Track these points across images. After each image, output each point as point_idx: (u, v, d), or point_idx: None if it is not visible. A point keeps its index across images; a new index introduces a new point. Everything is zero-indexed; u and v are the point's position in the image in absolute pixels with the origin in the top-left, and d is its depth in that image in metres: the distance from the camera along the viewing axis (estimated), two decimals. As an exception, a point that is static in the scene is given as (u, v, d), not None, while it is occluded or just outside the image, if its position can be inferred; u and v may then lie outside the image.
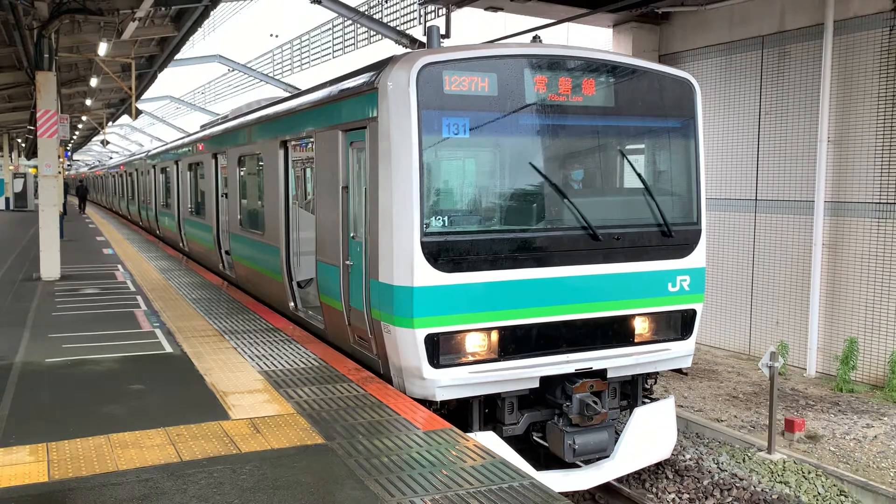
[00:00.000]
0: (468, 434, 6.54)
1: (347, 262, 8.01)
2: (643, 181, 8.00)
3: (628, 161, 8.03)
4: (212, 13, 17.33)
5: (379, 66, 7.39)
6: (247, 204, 12.73)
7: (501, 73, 7.14)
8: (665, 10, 14.34)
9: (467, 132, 7.02)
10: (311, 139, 9.18)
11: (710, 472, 8.89)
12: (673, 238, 7.90)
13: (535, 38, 8.98)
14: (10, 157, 48.47)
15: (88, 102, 28.13)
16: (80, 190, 42.88)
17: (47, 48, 13.24)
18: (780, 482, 8.47)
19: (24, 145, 50.28)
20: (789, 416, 9.89)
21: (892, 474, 8.62)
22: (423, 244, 6.80)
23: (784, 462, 8.77)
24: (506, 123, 7.21)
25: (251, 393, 6.75)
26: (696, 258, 8.06)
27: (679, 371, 8.38)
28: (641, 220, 7.88)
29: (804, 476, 8.53)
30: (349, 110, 7.90)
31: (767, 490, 8.36)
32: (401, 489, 4.71)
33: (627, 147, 8.10)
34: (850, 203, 11.95)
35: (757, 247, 13.59)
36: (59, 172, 17.91)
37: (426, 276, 6.83)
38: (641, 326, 7.84)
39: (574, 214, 7.44)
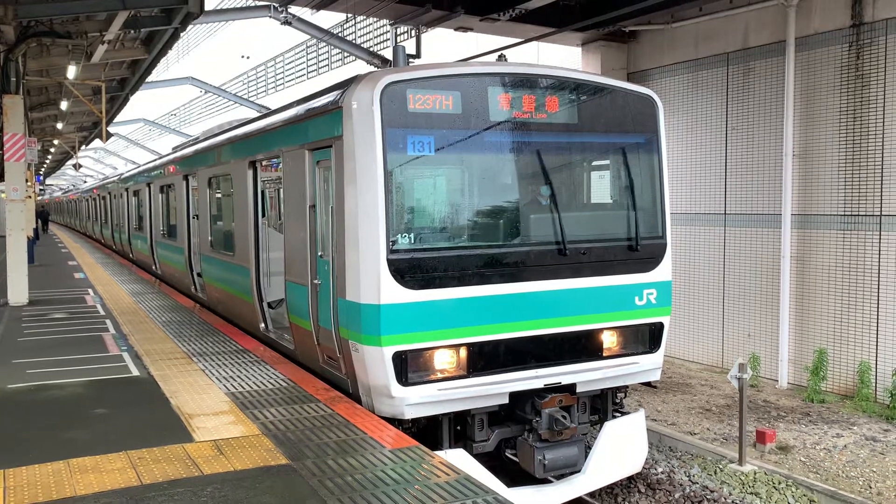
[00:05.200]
0: (438, 452, 6.53)
1: (316, 282, 7.98)
2: (609, 196, 8.08)
3: (592, 176, 8.11)
4: (185, 36, 17.34)
5: (343, 86, 7.42)
6: (217, 225, 12.66)
7: (465, 90, 7.20)
8: (632, 28, 14.57)
9: (432, 150, 7.05)
10: (279, 159, 9.18)
11: (681, 484, 8.91)
12: (639, 252, 7.96)
13: (501, 57, 9.07)
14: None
15: (60, 126, 27.87)
16: (41, 214, 44.68)
17: (14, 72, 13.14)
18: (751, 493, 8.51)
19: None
20: (760, 428, 9.96)
21: (861, 483, 8.69)
22: (389, 262, 6.80)
23: (755, 473, 8.82)
24: (470, 141, 7.25)
25: (217, 415, 6.67)
26: (663, 272, 8.13)
27: (648, 384, 8.41)
28: (607, 235, 7.94)
29: (775, 487, 8.57)
30: (315, 130, 7.92)
31: (738, 501, 8.39)
32: (364, 508, 4.67)
33: (592, 163, 8.18)
34: (816, 215, 12.14)
35: (727, 260, 13.74)
36: (29, 196, 17.72)
37: (393, 293, 6.82)
38: (609, 340, 7.88)
39: (540, 230, 7.48)
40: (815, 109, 12.09)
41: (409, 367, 6.93)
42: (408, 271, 6.85)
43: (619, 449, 8.05)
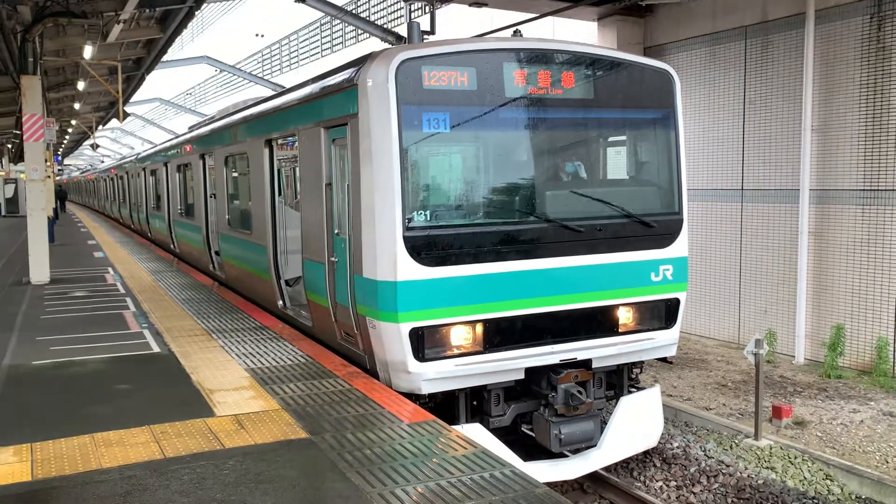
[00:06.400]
0: (455, 426, 6.61)
1: (332, 259, 8.04)
2: (625, 172, 8.06)
3: (609, 152, 8.08)
4: (200, 15, 17.36)
5: (359, 63, 7.42)
6: (234, 204, 12.76)
7: (480, 67, 7.17)
8: (648, 2, 14.39)
9: (447, 127, 7.05)
10: (295, 137, 9.21)
11: (697, 459, 8.95)
12: (655, 228, 7.94)
13: (516, 33, 9.02)
14: (1, 162, 48.33)
15: (77, 106, 28.06)
16: (59, 194, 44.94)
17: (31, 52, 13.22)
18: (767, 468, 8.54)
19: (13, 150, 50.10)
20: (776, 403, 9.97)
21: (877, 458, 8.70)
22: (405, 239, 6.84)
23: (771, 448, 8.84)
24: (486, 117, 7.24)
25: (237, 390, 6.78)
26: (679, 247, 8.12)
27: (664, 360, 8.43)
28: (623, 211, 7.92)
29: (791, 461, 8.60)
30: (331, 107, 7.93)
31: (754, 476, 8.43)
32: (382, 480, 4.75)
33: (608, 139, 8.14)
34: (834, 191, 12.02)
35: (744, 236, 13.66)
36: (48, 176, 17.90)
37: (409, 270, 6.87)
38: (625, 316, 7.89)
39: (555, 206, 7.48)
40: (835, 83, 11.93)
41: (426, 343, 6.99)
42: (424, 248, 6.89)
43: (635, 424, 8.10)
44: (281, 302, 10.34)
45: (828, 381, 11.36)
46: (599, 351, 7.73)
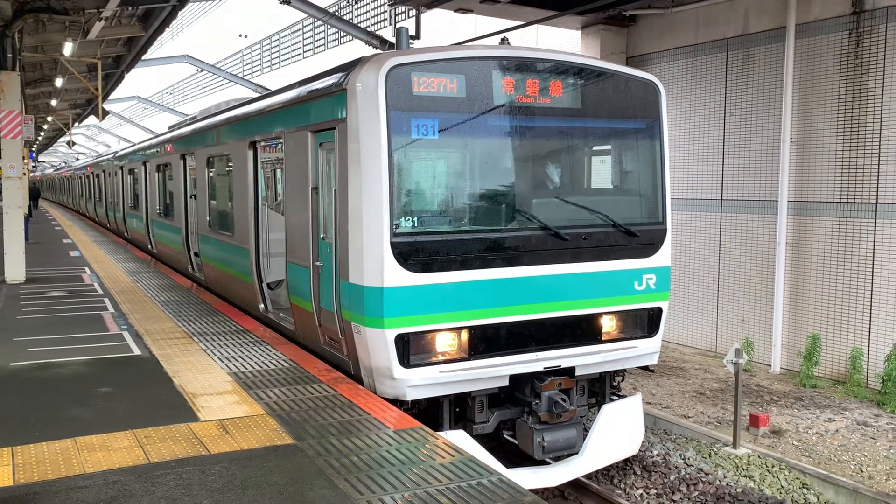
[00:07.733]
0: (439, 433, 6.61)
1: (317, 264, 8.02)
2: (610, 181, 8.13)
3: (594, 161, 8.15)
4: (180, 13, 17.26)
5: (348, 68, 7.41)
6: (216, 205, 12.66)
7: (469, 74, 7.21)
8: (632, 12, 14.52)
9: (436, 133, 7.07)
10: (281, 140, 9.17)
11: (676, 467, 9.04)
12: (638, 237, 8.02)
13: (504, 40, 9.06)
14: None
15: (54, 103, 27.70)
16: (32, 191, 44.45)
17: (11, 48, 13.04)
18: (745, 476, 8.64)
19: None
20: (754, 412, 10.09)
21: (852, 467, 8.83)
22: (392, 244, 6.84)
23: (749, 456, 8.95)
24: (474, 124, 7.27)
25: (220, 394, 6.73)
26: (662, 257, 8.20)
27: (646, 368, 8.51)
28: (608, 220, 7.99)
29: (768, 470, 8.71)
30: (318, 111, 7.92)
31: (732, 484, 8.53)
32: (370, 487, 4.74)
33: (594, 148, 8.21)
34: (812, 202, 12.21)
35: (723, 246, 13.82)
36: (24, 174, 17.64)
37: (396, 276, 6.87)
38: (609, 325, 7.95)
39: (541, 215, 7.52)
40: (814, 97, 12.13)
41: (411, 350, 6.99)
42: (411, 254, 6.90)
43: (617, 432, 8.16)
44: (262, 305, 10.28)
45: (803, 391, 11.52)
46: (583, 359, 7.78)
